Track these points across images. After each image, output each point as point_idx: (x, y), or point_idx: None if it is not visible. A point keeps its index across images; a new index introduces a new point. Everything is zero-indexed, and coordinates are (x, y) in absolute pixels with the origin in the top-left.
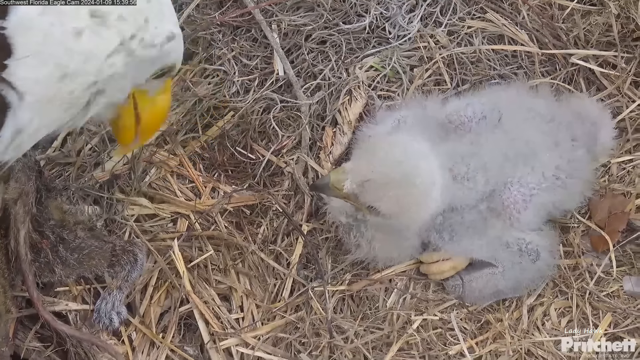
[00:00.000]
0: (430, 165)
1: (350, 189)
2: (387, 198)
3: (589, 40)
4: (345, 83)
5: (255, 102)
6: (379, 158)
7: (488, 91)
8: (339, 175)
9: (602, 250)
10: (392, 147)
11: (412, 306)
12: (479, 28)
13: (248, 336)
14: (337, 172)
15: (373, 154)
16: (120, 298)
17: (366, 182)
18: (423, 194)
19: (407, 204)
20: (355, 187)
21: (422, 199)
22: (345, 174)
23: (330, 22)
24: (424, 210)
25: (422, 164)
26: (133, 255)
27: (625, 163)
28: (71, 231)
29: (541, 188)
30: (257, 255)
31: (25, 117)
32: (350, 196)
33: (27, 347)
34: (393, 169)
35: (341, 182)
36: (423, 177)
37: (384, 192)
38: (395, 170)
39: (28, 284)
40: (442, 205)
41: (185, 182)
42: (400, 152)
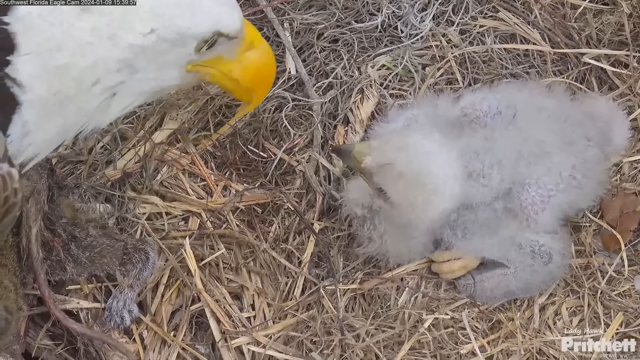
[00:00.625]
0: (443, 165)
1: (369, 166)
2: (398, 187)
3: (601, 40)
4: (357, 82)
5: (267, 101)
6: (405, 148)
7: (503, 88)
8: (364, 148)
9: (613, 250)
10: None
11: (424, 305)
12: (491, 27)
13: (259, 335)
14: (362, 145)
15: (401, 142)
16: (131, 296)
17: (386, 164)
18: (432, 193)
19: (415, 200)
20: (374, 166)
21: (431, 198)
22: (370, 149)
23: (342, 20)
24: (432, 210)
25: (433, 164)
26: (145, 254)
27: (637, 162)
28: (83, 229)
29: (558, 189)
30: (268, 253)
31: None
32: (365, 172)
33: (38, 345)
34: (408, 164)
35: (363, 155)
36: (433, 178)
37: (398, 181)
38: (409, 166)
39: (39, 282)
40: (457, 202)
41: (197, 180)
42: (412, 151)
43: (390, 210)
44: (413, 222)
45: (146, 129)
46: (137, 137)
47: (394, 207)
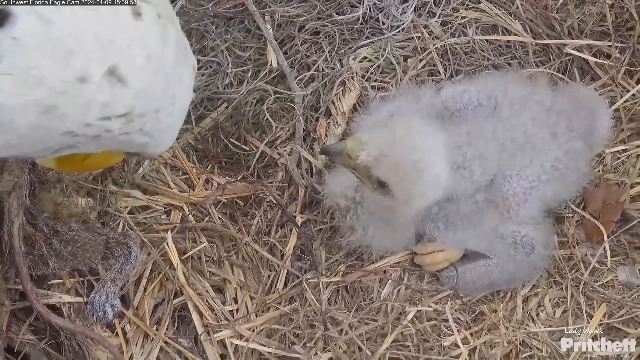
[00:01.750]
0: (436, 153)
1: (365, 160)
2: (398, 177)
3: (582, 30)
4: (339, 74)
5: (249, 94)
6: (397, 138)
7: (483, 79)
8: (356, 144)
9: (596, 241)
10: (407, 133)
11: (407, 297)
12: (473, 18)
13: (242, 328)
14: (354, 141)
15: (392, 131)
16: (114, 290)
17: (383, 156)
18: (428, 184)
19: (413, 189)
20: (371, 160)
21: (426, 188)
22: (362, 144)
23: (323, 13)
24: (425, 200)
25: (427, 152)
26: (127, 248)
27: (619, 153)
28: (65, 224)
29: (541, 180)
30: (251, 246)
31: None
32: (360, 167)
33: (20, 340)
34: (405, 154)
35: (357, 151)
36: (429, 166)
37: (397, 171)
38: (406, 156)
39: (22, 277)
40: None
41: (178, 173)
42: (412, 140)
43: (383, 202)
44: (402, 214)
45: None
46: None
47: (394, 199)
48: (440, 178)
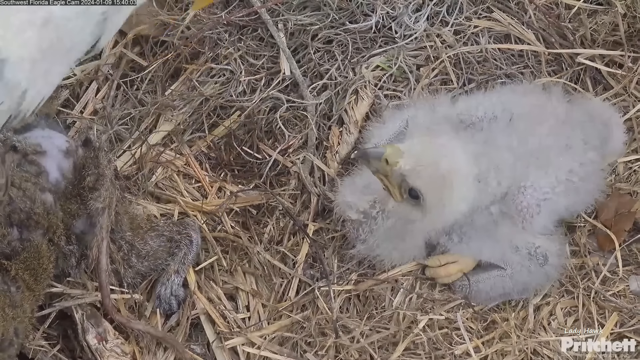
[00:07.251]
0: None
1: (403, 169)
2: (435, 188)
3: (595, 40)
4: (352, 83)
5: (262, 102)
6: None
7: (498, 91)
8: (396, 152)
9: (608, 250)
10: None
11: (418, 306)
12: (486, 27)
13: (254, 335)
14: (393, 148)
15: (431, 142)
16: (178, 282)
17: (420, 167)
18: (462, 196)
19: (447, 201)
20: (408, 169)
21: (460, 200)
22: (401, 152)
23: (336, 21)
24: (457, 213)
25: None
26: (188, 237)
27: (631, 162)
28: (141, 238)
29: (555, 192)
30: (262, 255)
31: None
32: (394, 175)
33: (33, 347)
34: (444, 165)
35: (396, 158)
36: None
37: (435, 181)
38: (445, 168)
39: (103, 293)
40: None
41: (191, 182)
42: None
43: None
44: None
45: (141, 130)
46: (133, 139)
47: (422, 211)
48: (472, 191)
